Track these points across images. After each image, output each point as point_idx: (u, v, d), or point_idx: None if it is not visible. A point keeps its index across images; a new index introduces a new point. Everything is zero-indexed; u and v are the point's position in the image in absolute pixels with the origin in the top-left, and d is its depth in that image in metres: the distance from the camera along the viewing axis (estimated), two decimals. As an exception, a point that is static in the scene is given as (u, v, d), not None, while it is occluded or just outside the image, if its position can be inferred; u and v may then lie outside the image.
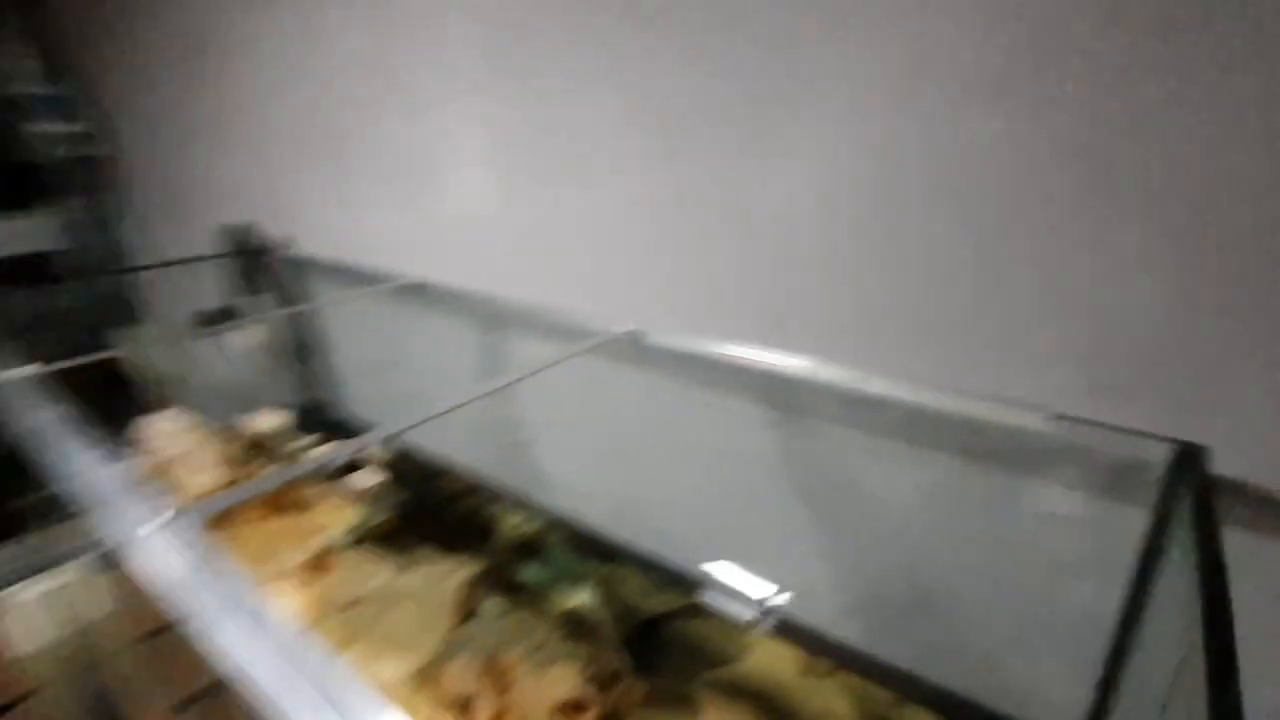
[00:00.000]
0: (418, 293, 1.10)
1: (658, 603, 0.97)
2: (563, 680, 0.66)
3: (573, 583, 1.09)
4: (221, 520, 1.07)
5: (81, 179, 1.78)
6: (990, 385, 0.60)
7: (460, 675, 0.72)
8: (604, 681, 0.68)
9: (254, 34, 1.17)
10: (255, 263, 1.33)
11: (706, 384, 0.83)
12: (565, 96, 0.80)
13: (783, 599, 0.63)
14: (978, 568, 0.68)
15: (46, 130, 1.67)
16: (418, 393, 1.22)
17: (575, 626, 0.82)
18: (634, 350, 0.87)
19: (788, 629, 0.79)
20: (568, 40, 0.77)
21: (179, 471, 1.08)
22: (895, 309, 0.64)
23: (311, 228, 1.29)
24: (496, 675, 0.72)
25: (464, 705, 0.71)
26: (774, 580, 0.65)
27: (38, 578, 0.86)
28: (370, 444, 0.55)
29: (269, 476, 0.53)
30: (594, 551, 1.05)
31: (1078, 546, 0.61)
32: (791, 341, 0.72)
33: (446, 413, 0.59)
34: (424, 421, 0.58)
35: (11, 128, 1.70)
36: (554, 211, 0.88)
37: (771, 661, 0.78)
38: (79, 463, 0.56)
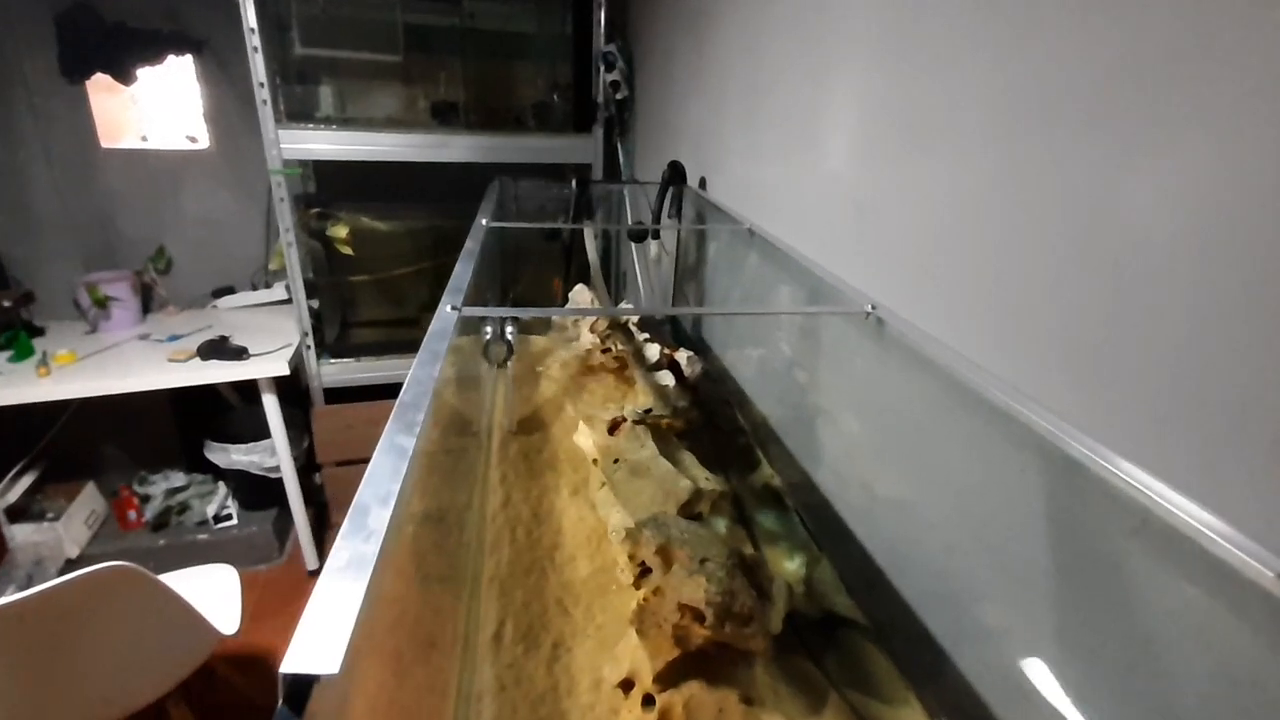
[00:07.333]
0: (759, 244, 1.21)
1: (844, 604, 0.93)
2: (695, 588, 0.74)
3: (790, 549, 1.12)
4: (586, 369, 1.47)
5: (611, 113, 2.50)
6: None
7: (644, 545, 0.88)
8: (731, 615, 0.74)
9: (726, 9, 1.40)
10: (678, 193, 1.66)
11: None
12: (933, 66, 0.75)
13: None
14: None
15: (604, 77, 2.37)
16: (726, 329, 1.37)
17: (749, 570, 0.87)
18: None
19: None
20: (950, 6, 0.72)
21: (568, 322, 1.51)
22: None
23: (719, 172, 1.52)
24: (666, 559, 0.85)
25: (642, 567, 0.87)
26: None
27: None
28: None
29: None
30: (828, 535, 1.05)
31: None
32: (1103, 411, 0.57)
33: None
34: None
35: (589, 75, 2.49)
36: (886, 188, 0.85)
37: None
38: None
